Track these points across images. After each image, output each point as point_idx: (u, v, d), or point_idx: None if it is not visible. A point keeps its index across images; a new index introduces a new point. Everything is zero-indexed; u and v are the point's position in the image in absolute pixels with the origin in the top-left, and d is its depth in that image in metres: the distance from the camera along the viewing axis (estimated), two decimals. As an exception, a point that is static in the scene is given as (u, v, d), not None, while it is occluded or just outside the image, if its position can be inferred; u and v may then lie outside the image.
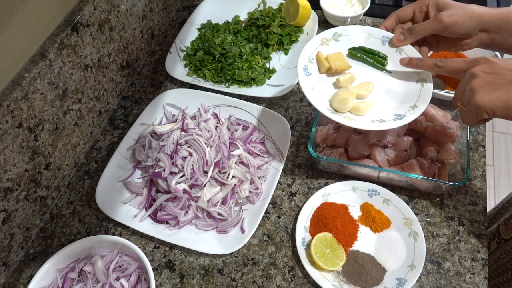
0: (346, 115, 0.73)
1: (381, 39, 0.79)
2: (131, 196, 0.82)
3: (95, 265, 0.71)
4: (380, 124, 0.71)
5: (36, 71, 0.73)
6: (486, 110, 0.59)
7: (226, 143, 0.82)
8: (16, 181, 0.73)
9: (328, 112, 0.72)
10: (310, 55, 0.78)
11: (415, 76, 0.75)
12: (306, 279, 0.73)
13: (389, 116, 0.72)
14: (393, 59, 0.77)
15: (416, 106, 0.72)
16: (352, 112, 0.74)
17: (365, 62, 0.79)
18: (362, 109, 0.73)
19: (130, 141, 0.89)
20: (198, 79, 1.02)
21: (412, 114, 0.71)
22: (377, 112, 0.74)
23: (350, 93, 0.74)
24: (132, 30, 1.01)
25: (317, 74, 0.77)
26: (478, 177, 0.83)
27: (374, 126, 0.71)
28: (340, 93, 0.75)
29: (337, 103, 0.74)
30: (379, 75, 0.78)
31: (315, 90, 0.75)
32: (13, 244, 0.76)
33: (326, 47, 0.79)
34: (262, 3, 1.17)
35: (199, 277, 0.74)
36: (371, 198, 0.80)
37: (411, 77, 0.76)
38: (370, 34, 0.79)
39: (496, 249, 1.04)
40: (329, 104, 0.75)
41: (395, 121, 0.71)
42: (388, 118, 0.72)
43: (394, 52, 0.77)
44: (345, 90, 0.74)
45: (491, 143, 2.16)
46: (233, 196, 0.80)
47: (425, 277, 0.72)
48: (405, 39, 0.76)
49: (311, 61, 0.78)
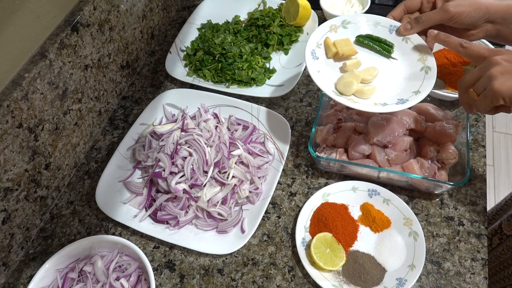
0: (350, 97, 0.74)
1: (388, 28, 0.80)
2: (131, 196, 0.82)
3: (95, 265, 0.71)
4: (383, 107, 0.72)
5: (36, 71, 0.73)
6: (504, 96, 0.60)
7: (226, 143, 0.82)
8: (16, 181, 0.73)
9: (333, 94, 0.73)
10: (318, 40, 0.80)
11: (420, 64, 0.76)
12: (306, 279, 0.73)
13: (392, 100, 0.73)
14: (399, 47, 0.79)
15: (419, 92, 0.73)
16: (356, 95, 0.75)
17: (372, 49, 0.80)
18: (366, 92, 0.74)
19: (130, 141, 0.89)
20: (198, 79, 1.02)
21: (414, 99, 0.72)
22: (380, 96, 0.75)
23: (355, 76, 0.75)
24: (132, 30, 1.01)
25: (324, 59, 0.79)
26: (478, 177, 0.83)
27: (376, 109, 0.72)
28: (345, 76, 0.76)
29: (342, 86, 0.75)
30: (385, 62, 0.79)
31: (321, 73, 0.76)
32: (13, 244, 0.76)
33: (335, 33, 0.81)
34: (262, 3, 1.17)
35: (199, 277, 0.74)
36: (371, 198, 0.80)
37: (416, 65, 0.77)
38: (378, 23, 0.81)
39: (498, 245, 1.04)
40: (334, 87, 0.76)
41: (398, 105, 0.72)
42: (391, 102, 0.73)
43: (401, 40, 0.79)
44: (350, 74, 0.76)
45: (491, 143, 2.16)
46: (233, 196, 0.80)
47: (425, 277, 0.72)
48: (412, 28, 0.77)
49: (319, 46, 0.79)
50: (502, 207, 1.12)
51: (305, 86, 1.01)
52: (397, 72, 0.78)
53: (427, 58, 0.76)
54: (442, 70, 0.96)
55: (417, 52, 0.77)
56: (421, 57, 0.77)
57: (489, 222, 1.11)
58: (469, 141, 0.78)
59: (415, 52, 0.78)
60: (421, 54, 0.77)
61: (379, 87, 0.76)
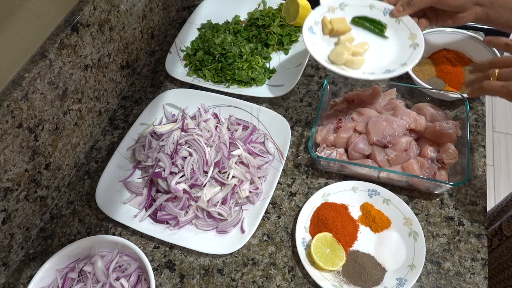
0: (341, 66, 0.81)
1: (382, 10, 0.88)
2: (131, 196, 0.82)
3: (95, 265, 0.71)
4: (370, 75, 0.79)
5: (36, 71, 0.73)
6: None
7: (226, 143, 0.82)
8: (16, 181, 0.73)
9: (325, 63, 0.81)
10: (316, 18, 0.88)
11: (409, 42, 0.84)
12: (306, 279, 0.73)
13: (380, 70, 0.80)
14: (392, 28, 0.86)
15: (406, 64, 0.80)
16: (346, 65, 0.82)
17: (366, 28, 0.88)
18: (356, 62, 0.81)
19: (130, 141, 0.89)
20: (198, 79, 1.02)
21: (400, 69, 0.79)
22: (369, 67, 0.82)
23: (347, 48, 0.82)
24: (132, 30, 1.01)
25: (320, 34, 0.87)
26: (478, 177, 0.83)
27: (364, 76, 0.79)
28: (337, 48, 0.84)
29: (334, 56, 0.82)
30: (377, 39, 0.87)
31: (316, 46, 0.84)
32: (13, 244, 0.76)
33: (332, 14, 0.89)
34: (262, 3, 1.17)
35: (199, 277, 0.74)
36: (371, 198, 0.80)
37: (406, 42, 0.84)
38: (373, 6, 0.88)
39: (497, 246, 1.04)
40: (327, 58, 0.84)
41: (384, 74, 0.79)
42: (378, 72, 0.80)
43: (393, 22, 0.86)
44: (342, 46, 0.83)
45: (491, 143, 2.16)
46: (233, 196, 0.80)
47: (425, 277, 0.72)
48: (404, 10, 0.83)
49: (316, 23, 0.87)
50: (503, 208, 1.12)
51: (305, 86, 1.01)
52: (387, 48, 0.85)
53: (416, 36, 0.83)
54: (442, 70, 0.96)
55: (408, 32, 0.84)
56: (411, 36, 0.84)
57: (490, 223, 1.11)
58: (469, 141, 0.78)
59: (406, 32, 0.85)
60: (411, 33, 0.84)
61: (369, 59, 0.83)
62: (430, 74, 0.97)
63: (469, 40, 0.98)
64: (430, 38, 0.99)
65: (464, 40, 0.98)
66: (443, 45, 1.00)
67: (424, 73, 0.97)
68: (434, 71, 0.97)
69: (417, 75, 0.95)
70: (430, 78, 0.96)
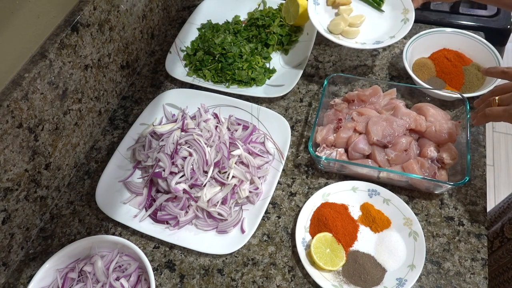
0: (337, 36, 0.92)
1: None
2: (131, 196, 0.82)
3: (95, 265, 0.71)
4: (362, 45, 0.91)
5: (36, 71, 0.73)
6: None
7: (226, 143, 0.82)
8: (16, 181, 0.73)
9: (323, 31, 0.92)
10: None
11: (401, 16, 0.94)
12: (306, 279, 0.73)
13: (371, 41, 0.91)
14: (389, 2, 0.98)
15: (394, 37, 0.91)
16: (343, 35, 0.93)
17: (366, 2, 0.99)
18: (351, 33, 0.92)
19: (130, 141, 0.89)
20: (198, 79, 1.02)
21: (388, 41, 0.90)
22: (362, 38, 0.93)
23: (344, 19, 0.93)
24: (132, 30, 1.01)
25: (324, 5, 0.98)
26: (478, 177, 0.83)
27: (356, 46, 0.91)
28: (336, 19, 0.94)
29: (332, 26, 0.93)
30: (374, 13, 0.98)
31: (319, 15, 0.95)
32: (13, 244, 0.76)
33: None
34: (262, 3, 1.17)
35: (199, 277, 0.74)
36: (371, 198, 0.80)
37: (398, 17, 0.95)
38: None
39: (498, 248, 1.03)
40: (326, 27, 0.94)
41: (374, 45, 0.90)
42: (369, 43, 0.91)
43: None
44: (340, 17, 0.94)
45: (491, 143, 2.16)
46: (233, 196, 0.80)
47: (425, 277, 0.72)
48: None
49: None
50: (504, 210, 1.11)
51: (305, 86, 1.01)
52: (382, 21, 0.96)
53: (408, 11, 0.94)
54: (443, 70, 0.96)
55: (402, 7, 0.95)
56: (404, 11, 0.94)
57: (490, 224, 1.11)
58: (469, 141, 0.78)
59: (400, 7, 0.95)
60: (405, 8, 0.95)
61: (363, 31, 0.94)
62: (430, 74, 0.97)
63: (469, 40, 0.98)
64: (430, 38, 1.00)
65: (464, 40, 0.99)
66: (443, 45, 1.00)
67: (424, 73, 0.97)
68: (434, 71, 0.97)
69: (417, 75, 0.95)
70: (430, 78, 0.96)
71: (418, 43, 0.99)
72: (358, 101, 0.90)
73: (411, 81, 0.95)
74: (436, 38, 1.00)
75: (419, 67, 0.98)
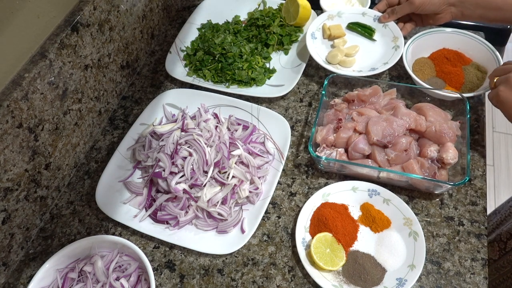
0: (336, 66, 0.99)
1: (373, 17, 1.06)
2: (131, 196, 0.82)
3: (95, 265, 0.71)
4: (358, 73, 0.97)
5: (36, 71, 0.73)
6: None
7: (226, 143, 0.82)
8: (16, 181, 0.73)
9: (322, 62, 0.98)
10: (318, 25, 1.06)
11: (392, 44, 1.01)
12: (306, 279, 0.73)
13: (366, 68, 0.98)
14: (380, 32, 1.05)
15: (387, 63, 0.97)
16: (340, 64, 1.00)
17: (359, 33, 1.06)
18: (347, 62, 0.99)
19: (130, 141, 0.89)
20: (198, 79, 1.02)
21: (383, 67, 0.97)
22: (358, 66, 1.00)
23: (340, 51, 1.00)
24: (132, 30, 1.01)
25: (320, 39, 1.05)
26: (478, 177, 0.83)
27: (353, 74, 0.96)
28: (333, 50, 1.01)
29: (330, 57, 1.00)
30: (367, 42, 1.05)
31: (317, 49, 1.02)
32: (13, 244, 0.76)
33: (331, 21, 1.08)
34: (262, 3, 1.17)
35: (199, 277, 0.74)
36: (371, 198, 0.80)
37: (389, 44, 1.02)
38: (365, 13, 1.07)
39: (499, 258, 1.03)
40: (325, 58, 1.02)
41: (369, 72, 0.96)
42: (365, 70, 0.97)
43: (381, 26, 1.05)
44: (337, 49, 1.01)
45: (491, 143, 2.16)
46: (233, 196, 0.80)
47: (425, 277, 0.72)
48: (389, 17, 1.03)
49: (318, 29, 1.06)
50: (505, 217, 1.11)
51: (305, 86, 1.01)
52: (374, 50, 1.03)
53: (398, 39, 1.00)
54: (443, 70, 0.96)
55: (392, 35, 1.02)
56: (394, 39, 1.01)
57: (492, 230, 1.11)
58: (469, 141, 0.78)
59: (390, 35, 1.02)
60: (394, 36, 1.02)
61: (359, 59, 1.01)
62: (430, 74, 0.97)
63: (469, 40, 0.98)
64: (430, 38, 1.00)
65: (464, 40, 0.99)
66: (443, 45, 1.00)
67: (424, 73, 0.97)
68: (434, 71, 0.97)
69: (417, 75, 0.95)
70: (430, 78, 0.96)
71: (418, 43, 0.99)
72: (358, 101, 0.90)
73: (411, 81, 0.95)
74: (436, 38, 1.00)
75: (419, 67, 0.98)
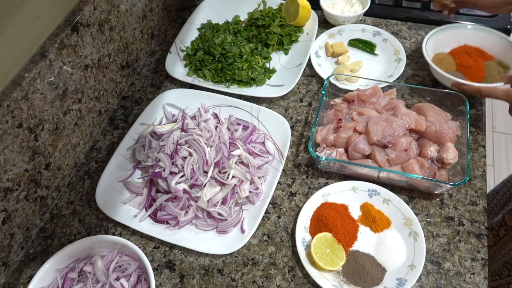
0: (342, 82, 0.99)
1: (372, 33, 1.09)
2: (131, 196, 0.82)
3: (95, 265, 0.71)
4: (365, 86, 0.95)
5: (36, 71, 0.73)
6: None
7: (226, 143, 0.82)
8: (16, 181, 0.73)
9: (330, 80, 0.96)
10: (320, 44, 1.09)
11: (394, 57, 1.04)
12: (306, 279, 0.73)
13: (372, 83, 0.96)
14: (380, 47, 1.07)
15: (392, 75, 0.99)
16: (346, 80, 1.00)
17: (360, 48, 1.08)
18: (353, 79, 0.98)
19: (130, 141, 0.89)
20: (198, 79, 1.02)
21: (388, 80, 0.98)
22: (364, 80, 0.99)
23: (345, 67, 1.01)
24: (132, 30, 1.01)
25: (324, 57, 1.08)
26: (478, 177, 0.83)
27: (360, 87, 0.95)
28: (339, 67, 1.02)
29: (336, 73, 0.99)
30: (369, 57, 1.07)
31: (322, 66, 1.04)
32: (13, 244, 0.76)
33: (333, 39, 1.11)
34: (262, 3, 1.17)
35: (199, 277, 0.74)
36: (371, 198, 0.80)
37: (391, 58, 1.04)
38: (364, 29, 1.10)
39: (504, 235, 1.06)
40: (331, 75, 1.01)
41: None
42: (371, 84, 0.95)
43: (381, 41, 1.08)
44: (342, 66, 1.02)
45: (491, 143, 2.16)
46: (233, 196, 0.80)
47: (425, 277, 0.72)
48: None
49: (320, 48, 1.08)
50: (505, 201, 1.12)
51: (305, 86, 1.01)
52: (378, 64, 1.05)
53: (399, 52, 1.03)
54: (463, 64, 0.95)
55: (393, 49, 1.05)
56: (395, 52, 1.04)
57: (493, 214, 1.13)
58: (469, 141, 0.78)
59: (391, 49, 1.05)
60: (396, 50, 1.04)
61: (363, 74, 1.02)
62: (450, 68, 0.95)
63: (491, 36, 0.96)
64: (451, 33, 0.98)
65: (486, 37, 0.96)
66: (464, 42, 0.99)
67: (444, 67, 0.95)
68: (454, 65, 0.96)
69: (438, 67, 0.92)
70: (450, 72, 0.94)
71: (439, 36, 0.97)
72: (358, 101, 0.90)
73: (411, 81, 0.95)
74: (457, 34, 0.98)
75: (439, 61, 0.96)
